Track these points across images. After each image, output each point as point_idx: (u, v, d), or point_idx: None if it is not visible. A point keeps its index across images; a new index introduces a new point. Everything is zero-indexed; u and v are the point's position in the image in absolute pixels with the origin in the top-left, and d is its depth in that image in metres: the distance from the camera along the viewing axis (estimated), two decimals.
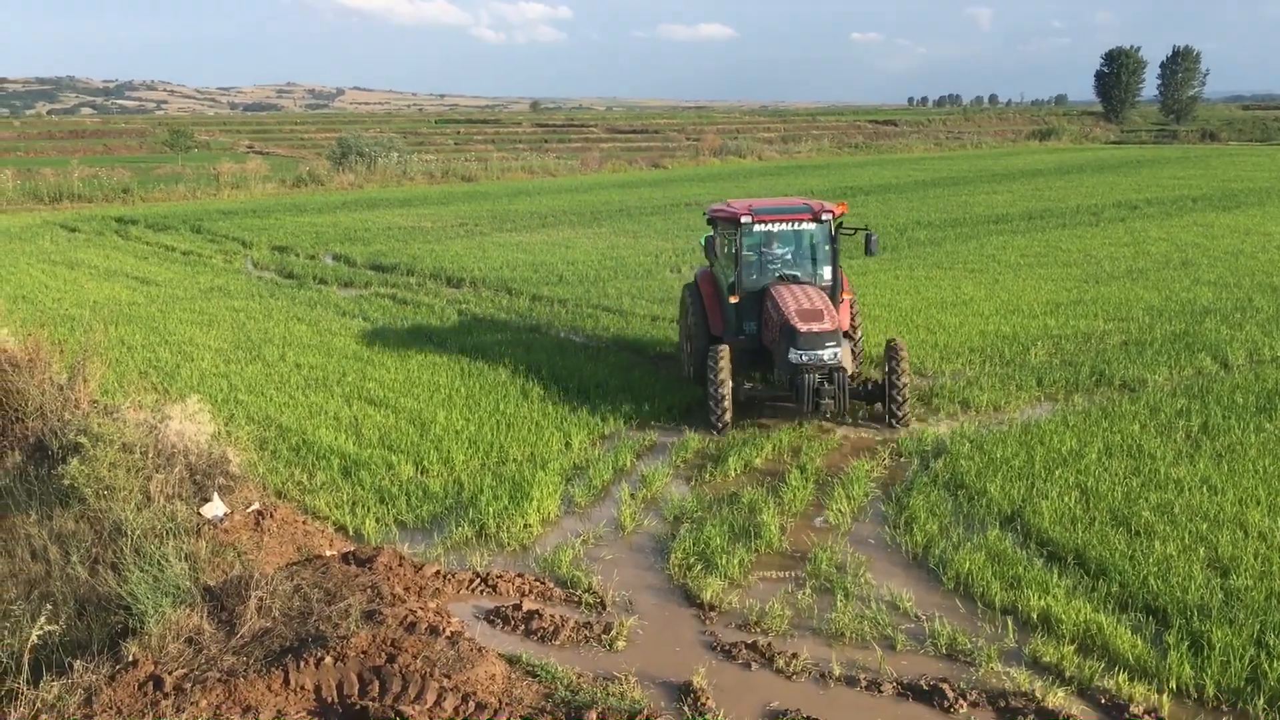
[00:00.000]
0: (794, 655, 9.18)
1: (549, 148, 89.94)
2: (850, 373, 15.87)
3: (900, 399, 15.28)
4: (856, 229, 17.02)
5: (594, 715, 8.04)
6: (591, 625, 9.91)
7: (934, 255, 30.67)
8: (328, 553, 10.83)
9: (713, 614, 10.03)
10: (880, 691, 8.68)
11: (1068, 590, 10.14)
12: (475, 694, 8.45)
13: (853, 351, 16.60)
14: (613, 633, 9.72)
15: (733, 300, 16.42)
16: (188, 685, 8.40)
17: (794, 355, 14.81)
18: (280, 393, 17.14)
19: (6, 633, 9.17)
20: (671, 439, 15.09)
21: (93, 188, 52.29)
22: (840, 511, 12.22)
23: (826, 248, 16.68)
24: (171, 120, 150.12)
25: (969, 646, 9.30)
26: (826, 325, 14.86)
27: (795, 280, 16.29)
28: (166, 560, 9.91)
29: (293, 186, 57.63)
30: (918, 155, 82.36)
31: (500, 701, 8.44)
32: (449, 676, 8.62)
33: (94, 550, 10.47)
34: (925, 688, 8.64)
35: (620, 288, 26.24)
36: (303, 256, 32.66)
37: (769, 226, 16.38)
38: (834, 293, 16.17)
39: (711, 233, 17.02)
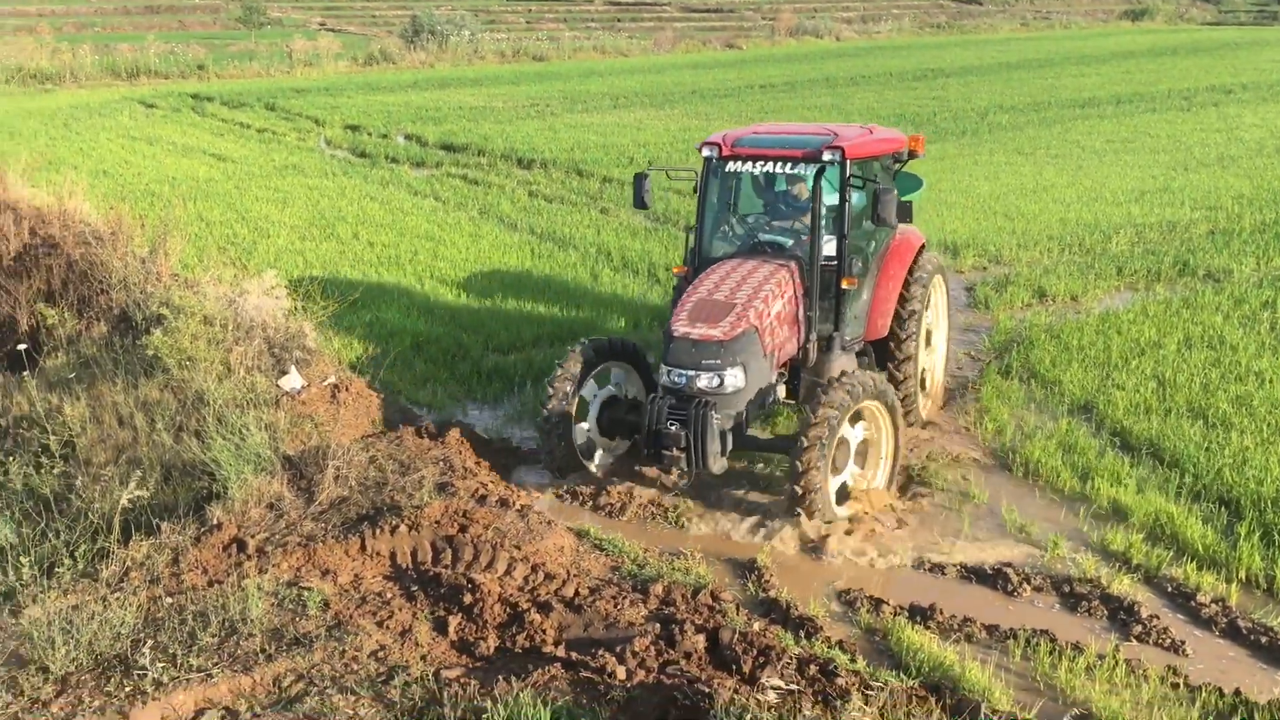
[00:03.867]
0: (861, 538, 9.29)
1: (621, 27, 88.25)
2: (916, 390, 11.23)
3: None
4: (866, 181, 10.46)
5: (660, 588, 8.21)
6: (658, 503, 10.07)
7: (1015, 140, 29.82)
8: (401, 427, 11.06)
9: None
10: (943, 574, 8.75)
11: (1139, 480, 10.06)
12: (544, 564, 8.67)
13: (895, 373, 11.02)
14: (679, 511, 9.88)
15: (677, 272, 11.28)
16: (269, 548, 8.72)
17: (662, 373, 9.77)
18: (354, 270, 17.35)
19: (98, 495, 9.56)
20: None
21: (169, 64, 52.52)
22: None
23: (830, 205, 10.39)
24: None
25: (1036, 533, 9.31)
26: (716, 333, 9.37)
27: (767, 251, 10.67)
28: (247, 429, 10.20)
29: (364, 65, 57.41)
30: (1003, 36, 79.46)
31: (568, 573, 8.64)
32: (519, 547, 8.84)
33: (178, 418, 10.80)
34: (989, 571, 8.70)
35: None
36: (375, 135, 32.68)
37: (746, 166, 10.47)
38: (838, 275, 10.30)
39: (646, 169, 11.35)
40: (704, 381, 9.39)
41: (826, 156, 10.00)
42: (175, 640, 7.48)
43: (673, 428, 9.26)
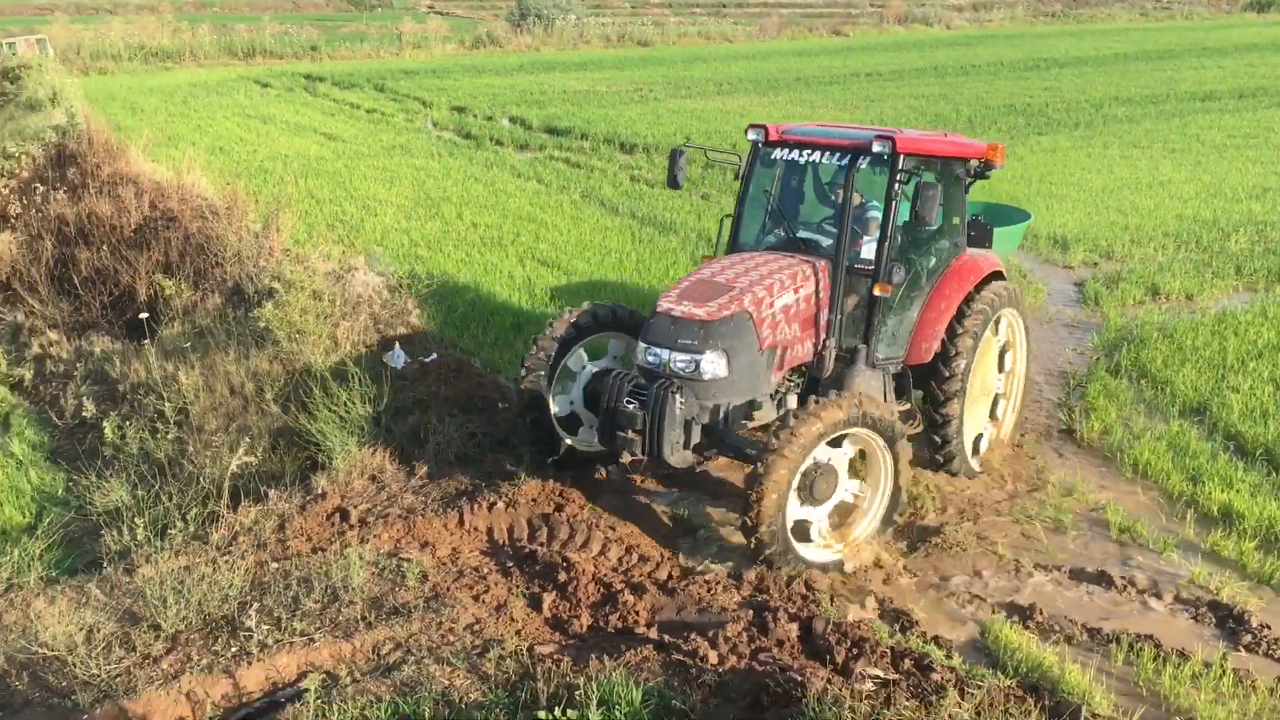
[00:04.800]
0: (961, 534, 9.15)
1: (726, 13, 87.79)
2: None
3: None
4: (911, 176, 9.23)
5: (753, 575, 8.20)
6: None
7: (1131, 134, 28.92)
8: (499, 405, 11.19)
9: None
10: (1044, 573, 8.57)
11: (1253, 486, 9.73)
12: (639, 546, 8.72)
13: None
14: None
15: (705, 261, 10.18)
16: (371, 519, 8.92)
17: (638, 351, 9.00)
18: (457, 250, 17.57)
19: (209, 461, 9.87)
20: None
21: (283, 44, 53.73)
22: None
23: (875, 207, 9.79)
24: None
25: (1143, 535, 9.07)
26: (699, 312, 8.55)
27: (803, 247, 9.70)
28: (352, 402, 10.44)
29: (471, 47, 58.03)
30: (1121, 26, 77.09)
31: (662, 555, 8.69)
32: (613, 528, 8.91)
33: (286, 389, 11.09)
34: (1092, 572, 8.50)
35: None
36: (480, 117, 33.03)
37: (792, 154, 9.66)
38: (873, 282, 9.22)
39: (682, 146, 10.59)
40: (679, 364, 8.52)
41: (877, 148, 8.99)
42: (280, 604, 7.70)
43: (630, 406, 8.51)
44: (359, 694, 6.67)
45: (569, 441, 9.69)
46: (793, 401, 9.25)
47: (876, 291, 9.18)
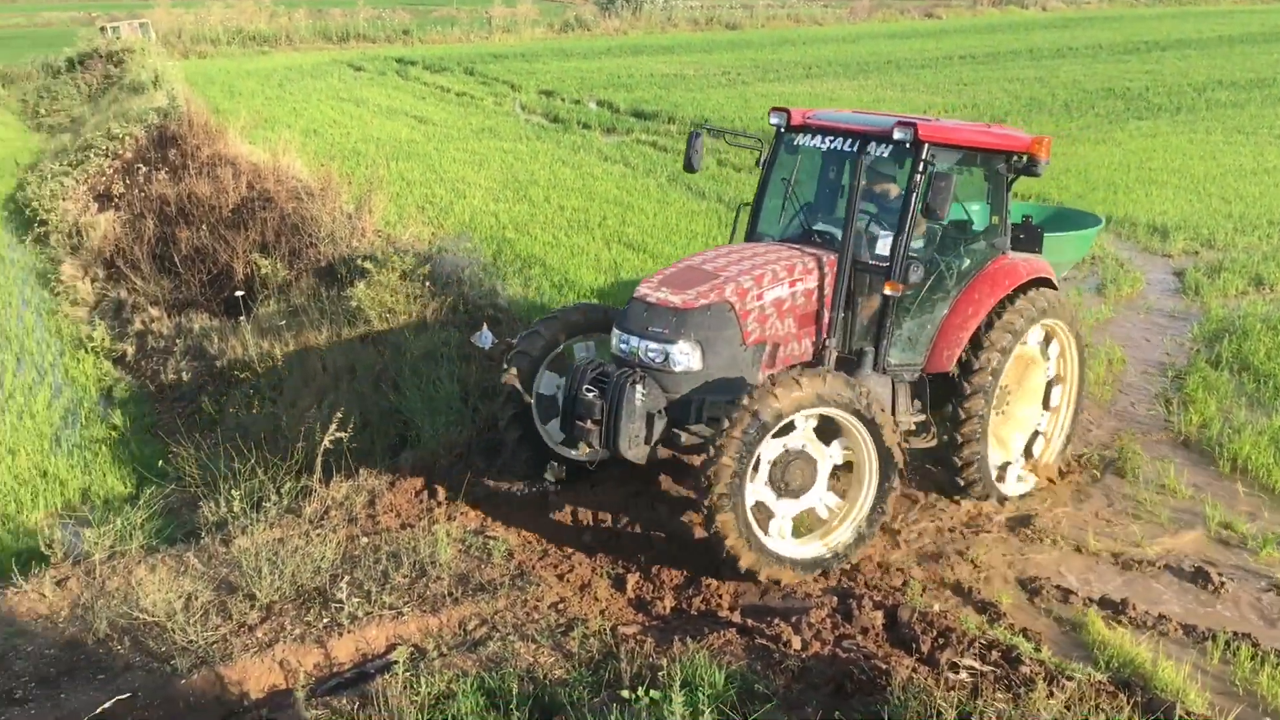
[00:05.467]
0: (1051, 525, 8.98)
1: None
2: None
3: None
4: (926, 165, 8.36)
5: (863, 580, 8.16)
6: None
7: (1236, 119, 28.00)
8: None
9: None
10: (1139, 567, 8.37)
11: None
12: None
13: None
14: None
15: None
16: (458, 496, 9.04)
17: (613, 338, 8.37)
18: (544, 232, 17.68)
19: (302, 435, 10.09)
20: None
21: (376, 28, 54.53)
22: (1103, 384, 11.66)
23: (894, 195, 8.87)
24: None
25: (1241, 532, 8.81)
26: (675, 299, 8.01)
27: (817, 241, 8.97)
28: (440, 381, 10.58)
29: (560, 31, 58.28)
30: (1225, 8, 74.57)
31: None
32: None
33: (376, 368, 11.28)
34: (1188, 568, 8.29)
35: None
36: (568, 101, 33.17)
37: (814, 141, 8.97)
38: (886, 278, 8.45)
39: (699, 129, 9.97)
40: (650, 353, 7.94)
41: (898, 135, 8.23)
42: (370, 578, 7.86)
43: (590, 395, 7.96)
44: (445, 667, 6.78)
45: (574, 455, 8.87)
46: None
47: (887, 290, 8.41)
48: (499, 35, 55.79)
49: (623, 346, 8.14)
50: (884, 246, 8.56)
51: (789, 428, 7.65)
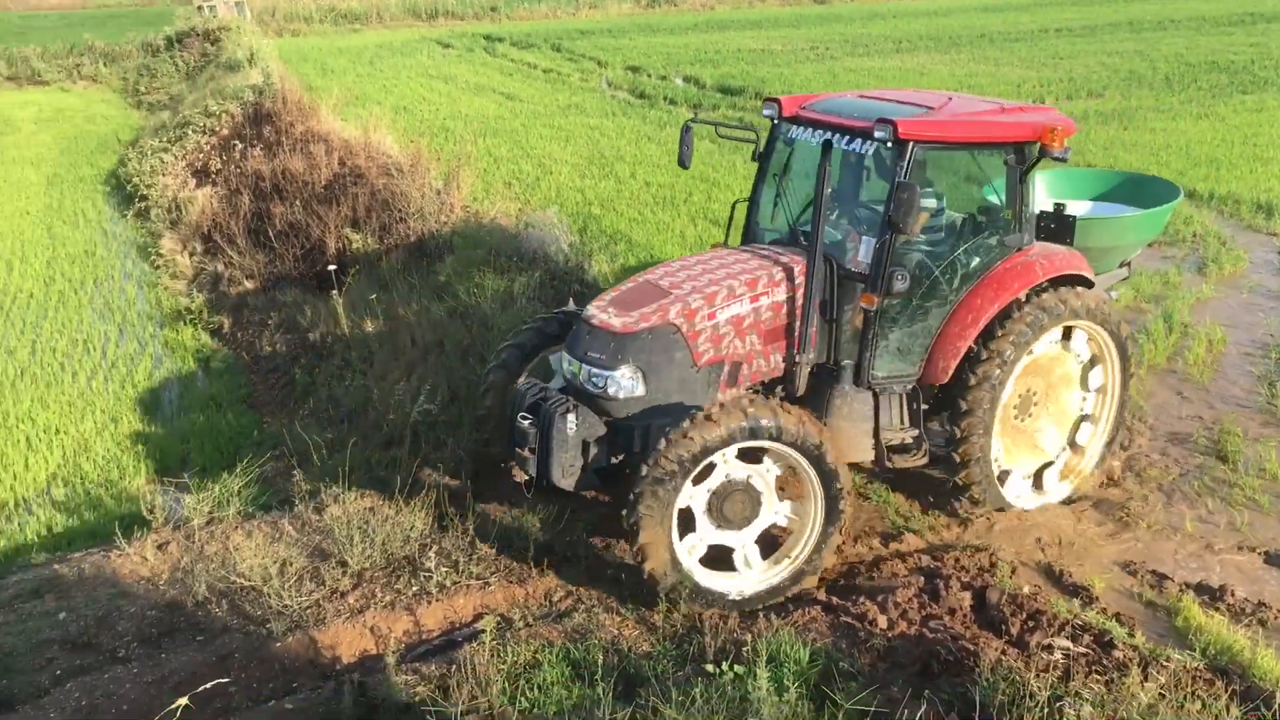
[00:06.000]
0: (1146, 510, 8.77)
1: None
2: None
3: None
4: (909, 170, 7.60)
5: (924, 542, 8.07)
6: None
7: None
8: None
9: None
10: (1238, 554, 8.14)
11: None
12: None
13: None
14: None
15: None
16: None
17: (562, 360, 8.00)
18: (630, 209, 17.68)
19: (392, 407, 10.26)
20: None
21: (464, 5, 54.90)
22: (1202, 364, 11.33)
23: (877, 198, 8.40)
24: None
25: None
26: (615, 322, 7.56)
27: (804, 243, 8.16)
28: None
29: (646, 7, 58.09)
30: None
31: None
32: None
33: (464, 342, 11.40)
34: None
35: None
36: (654, 77, 33.07)
37: (805, 134, 8.28)
38: (867, 288, 7.81)
39: (690, 121, 9.18)
40: (592, 379, 7.51)
41: (878, 134, 7.48)
42: (457, 548, 7.99)
43: (525, 422, 7.55)
44: (532, 637, 6.87)
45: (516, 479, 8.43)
46: None
47: (862, 303, 7.82)
48: (585, 11, 55.81)
49: (568, 370, 7.75)
50: (868, 253, 7.85)
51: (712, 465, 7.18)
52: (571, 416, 7.35)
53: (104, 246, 17.50)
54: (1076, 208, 10.15)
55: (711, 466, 7.19)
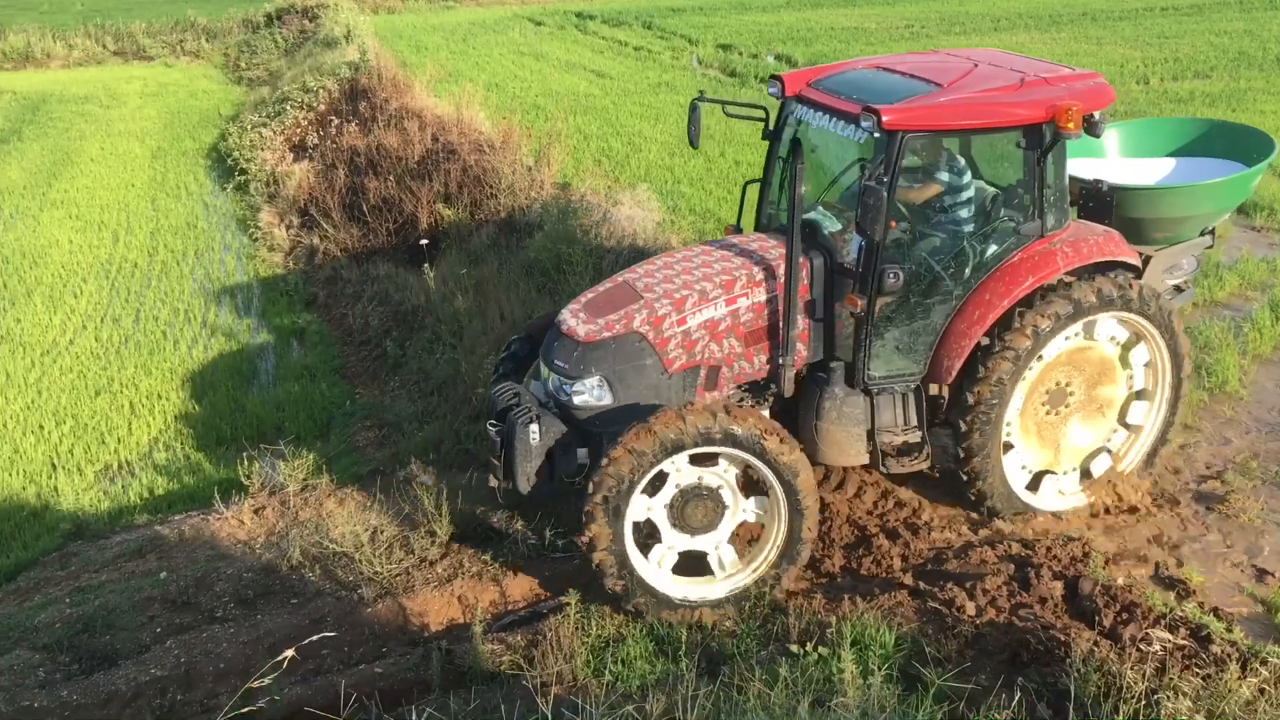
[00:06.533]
0: (1248, 502, 8.49)
1: None
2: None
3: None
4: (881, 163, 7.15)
5: (1014, 528, 7.95)
6: None
7: None
8: None
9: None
10: None
11: None
12: (895, 491, 8.56)
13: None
14: None
15: (728, 233, 8.80)
16: None
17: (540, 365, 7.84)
18: (719, 187, 17.60)
19: (480, 381, 10.37)
20: None
21: None
22: None
23: (851, 182, 8.06)
24: None
25: None
26: (580, 330, 7.30)
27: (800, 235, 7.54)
28: None
29: None
30: None
31: (920, 501, 8.48)
32: (869, 471, 8.78)
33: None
34: None
35: None
36: (745, 55, 32.80)
37: (808, 115, 7.89)
38: (854, 287, 7.42)
39: (698, 99, 8.72)
40: (561, 386, 7.27)
41: (864, 124, 6.99)
42: (543, 522, 8.06)
43: (492, 429, 7.37)
44: (615, 613, 6.92)
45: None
46: (764, 415, 7.58)
47: (845, 304, 7.40)
48: None
49: (544, 376, 7.55)
50: (857, 250, 7.39)
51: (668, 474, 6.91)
52: (534, 426, 7.09)
53: (205, 219, 17.95)
54: (1152, 165, 9.48)
55: (665, 475, 6.90)
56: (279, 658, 4.31)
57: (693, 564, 7.22)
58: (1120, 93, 22.99)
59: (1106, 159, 9.58)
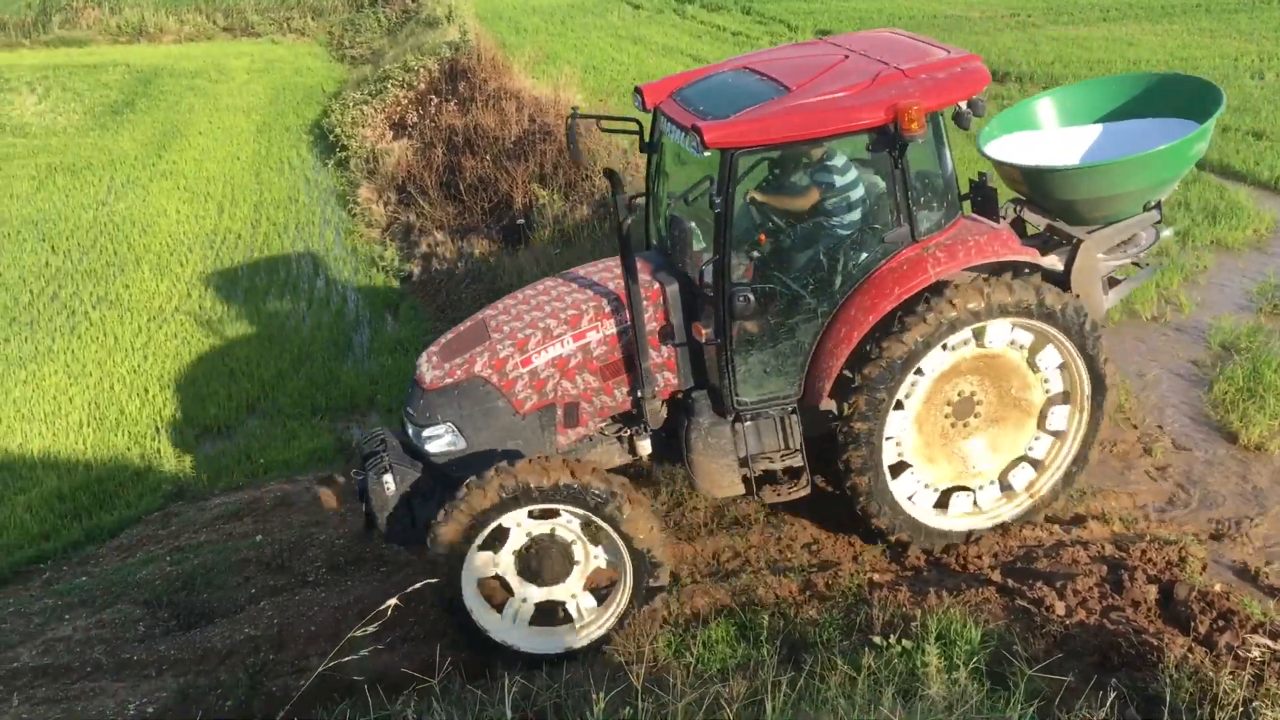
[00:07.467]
0: None
1: None
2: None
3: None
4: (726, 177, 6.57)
5: (1109, 531, 7.78)
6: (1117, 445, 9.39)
7: None
8: None
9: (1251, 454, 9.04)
10: None
11: None
12: None
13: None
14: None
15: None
16: None
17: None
18: None
19: None
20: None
21: None
22: None
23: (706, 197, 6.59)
24: None
25: None
26: (428, 376, 7.04)
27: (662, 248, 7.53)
28: None
29: None
30: None
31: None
32: None
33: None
34: None
35: None
36: None
37: (672, 132, 7.12)
38: (713, 312, 6.95)
39: (573, 113, 7.94)
40: (422, 438, 6.97)
41: (689, 145, 6.53)
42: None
43: (357, 477, 7.16)
44: (700, 594, 6.94)
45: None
46: (645, 447, 7.43)
47: (696, 333, 6.97)
48: None
49: (410, 428, 7.15)
50: (708, 271, 6.80)
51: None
52: (388, 477, 6.85)
53: (306, 193, 18.34)
54: (1091, 134, 8.49)
55: (505, 530, 6.60)
56: (384, 604, 4.43)
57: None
58: (1234, 88, 22.35)
59: (1043, 130, 8.75)
